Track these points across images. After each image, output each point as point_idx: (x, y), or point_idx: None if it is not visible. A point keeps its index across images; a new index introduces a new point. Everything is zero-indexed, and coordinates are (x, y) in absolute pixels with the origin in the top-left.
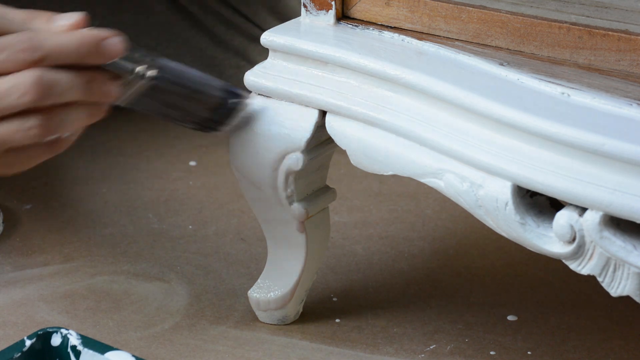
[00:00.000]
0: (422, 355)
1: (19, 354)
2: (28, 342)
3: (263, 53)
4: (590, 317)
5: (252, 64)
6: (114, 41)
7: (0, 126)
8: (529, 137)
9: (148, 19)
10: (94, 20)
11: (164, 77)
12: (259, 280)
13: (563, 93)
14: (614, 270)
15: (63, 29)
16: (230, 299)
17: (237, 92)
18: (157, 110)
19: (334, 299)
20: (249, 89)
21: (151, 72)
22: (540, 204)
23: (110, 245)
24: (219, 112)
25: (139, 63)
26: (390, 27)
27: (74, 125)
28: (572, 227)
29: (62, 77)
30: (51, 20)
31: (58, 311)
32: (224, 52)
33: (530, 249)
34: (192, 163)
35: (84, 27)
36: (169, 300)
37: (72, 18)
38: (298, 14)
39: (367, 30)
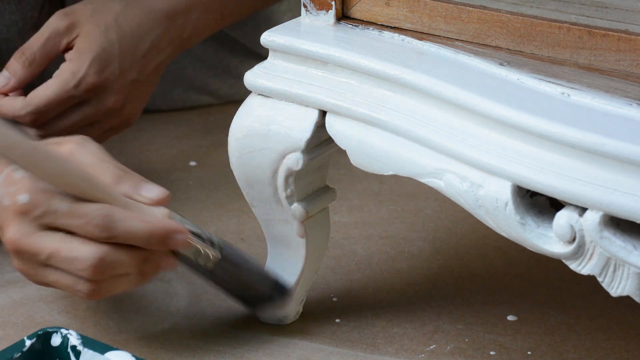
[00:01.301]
0: (422, 355)
1: (19, 354)
2: (28, 342)
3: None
4: (590, 317)
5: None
6: (181, 237)
7: (55, 274)
8: (529, 137)
9: None
10: None
11: (221, 271)
12: None
13: (563, 93)
14: (614, 270)
15: (146, 202)
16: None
17: (284, 288)
18: (207, 280)
19: (334, 299)
20: (249, 88)
21: (211, 265)
22: (540, 204)
23: None
24: (262, 301)
25: (202, 253)
26: (390, 27)
27: (120, 289)
28: (572, 227)
29: (123, 258)
30: (137, 188)
31: (58, 311)
32: (214, 74)
33: (530, 249)
34: (192, 163)
35: (165, 203)
36: (169, 300)
37: (156, 193)
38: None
39: (367, 30)
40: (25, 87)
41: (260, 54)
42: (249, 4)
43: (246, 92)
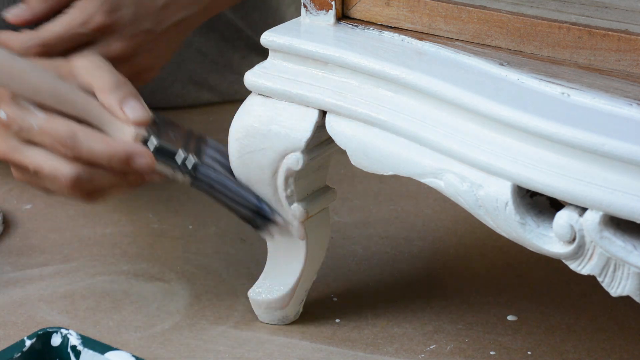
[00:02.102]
0: (422, 355)
1: (19, 354)
2: (28, 342)
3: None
4: (590, 317)
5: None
6: (144, 161)
7: (34, 152)
8: (529, 137)
9: None
10: None
11: (200, 186)
12: (259, 281)
13: (563, 93)
14: (614, 270)
15: (123, 119)
16: (230, 299)
17: (265, 214)
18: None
19: (334, 299)
20: (249, 88)
21: (187, 179)
22: (540, 204)
23: (110, 245)
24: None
25: (180, 167)
26: (390, 27)
27: (112, 195)
28: (572, 227)
29: (101, 175)
30: (121, 103)
31: (58, 311)
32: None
33: (530, 249)
34: None
35: (143, 124)
36: (169, 300)
37: (136, 114)
38: None
39: (367, 30)
40: None
41: (263, 48)
42: None
43: (246, 89)
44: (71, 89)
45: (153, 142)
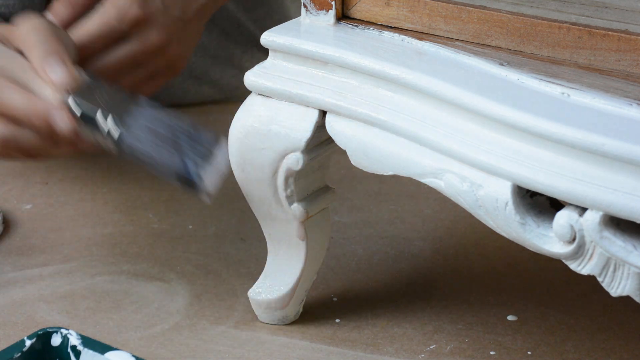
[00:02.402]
0: (422, 355)
1: (19, 354)
2: (28, 342)
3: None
4: (590, 317)
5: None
6: (62, 122)
7: None
8: (529, 137)
9: None
10: None
11: (125, 157)
12: (259, 280)
13: (563, 93)
14: (614, 270)
15: (46, 79)
16: (230, 299)
17: (189, 181)
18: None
19: (334, 299)
20: (249, 88)
21: (113, 148)
22: (540, 204)
23: (110, 245)
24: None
25: (105, 137)
26: (390, 27)
27: (51, 157)
28: (572, 227)
29: (25, 137)
30: (44, 63)
31: (58, 311)
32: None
33: (530, 249)
34: None
35: (64, 87)
36: (169, 300)
37: (56, 76)
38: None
39: (367, 30)
40: None
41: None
42: None
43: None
44: (2, 50)
45: (76, 107)
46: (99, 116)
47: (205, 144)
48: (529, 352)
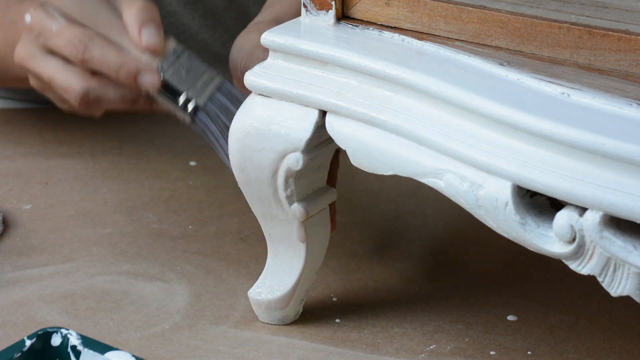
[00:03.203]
0: (422, 355)
1: (19, 354)
2: (28, 342)
3: None
4: (590, 317)
5: None
6: (150, 77)
7: (50, 61)
8: (529, 137)
9: (164, 19)
10: None
11: (196, 129)
12: (259, 280)
13: (563, 93)
14: (614, 270)
15: (137, 42)
16: (230, 299)
17: None
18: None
19: (334, 299)
20: (249, 89)
21: (186, 119)
22: (540, 204)
23: (110, 245)
24: None
25: (180, 107)
26: (390, 27)
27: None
28: (572, 227)
29: (108, 94)
30: (140, 26)
31: (58, 311)
32: None
33: (530, 249)
34: (192, 163)
35: (154, 53)
36: (169, 300)
37: (149, 40)
38: None
39: (367, 30)
40: None
41: None
42: None
43: None
44: (99, 6)
45: (162, 74)
46: (179, 90)
47: None
48: (529, 352)
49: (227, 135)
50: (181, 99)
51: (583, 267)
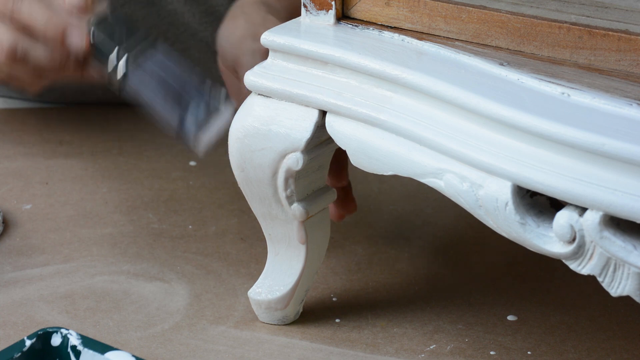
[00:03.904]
0: (422, 355)
1: (19, 354)
2: (28, 342)
3: None
4: (590, 317)
5: None
6: (76, 36)
7: None
8: (529, 137)
9: (159, 12)
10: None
11: (126, 96)
12: (259, 281)
13: (563, 93)
14: (614, 270)
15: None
16: (230, 299)
17: (185, 138)
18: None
19: (334, 299)
20: (249, 88)
21: (117, 85)
22: (540, 204)
23: (110, 245)
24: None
25: (110, 72)
26: (390, 27)
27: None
28: (572, 227)
29: (36, 51)
30: None
31: (58, 311)
32: None
33: (530, 249)
34: (192, 163)
35: (80, 11)
36: (169, 300)
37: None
38: None
39: (367, 30)
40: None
41: None
42: None
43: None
44: None
45: (91, 35)
46: (109, 48)
47: (211, 101)
48: (529, 352)
49: (165, 96)
50: (111, 64)
51: (583, 267)
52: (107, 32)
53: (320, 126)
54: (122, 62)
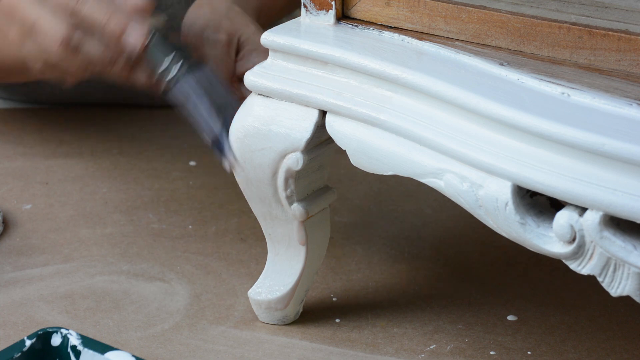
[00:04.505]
0: (422, 355)
1: (19, 354)
2: (28, 342)
3: None
4: (590, 317)
5: None
6: (135, 35)
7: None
8: (529, 137)
9: (160, 12)
10: None
11: (172, 99)
12: (259, 281)
13: (563, 93)
14: (614, 270)
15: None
16: (230, 299)
17: (221, 147)
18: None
19: (334, 299)
20: (249, 88)
21: (164, 87)
22: (540, 204)
23: (110, 245)
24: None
25: (161, 72)
26: (390, 27)
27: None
28: (572, 227)
29: (89, 46)
30: None
31: (58, 311)
32: None
33: (530, 249)
34: (192, 163)
35: (142, 13)
36: (169, 300)
37: (134, 2)
38: None
39: (367, 30)
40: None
41: None
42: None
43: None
44: None
45: (149, 35)
46: (166, 51)
47: None
48: (529, 352)
49: (209, 107)
50: (164, 64)
51: (583, 267)
52: (160, 40)
53: (320, 126)
54: (176, 66)
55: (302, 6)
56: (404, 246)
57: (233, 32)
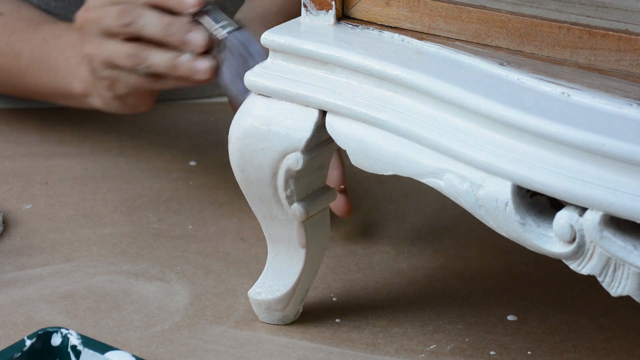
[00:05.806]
0: (422, 355)
1: (19, 354)
2: (28, 342)
3: None
4: (590, 317)
5: None
6: (198, 31)
7: (107, 43)
8: (529, 137)
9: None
10: None
11: (222, 51)
12: (259, 281)
13: (563, 93)
14: (614, 270)
15: None
16: (230, 299)
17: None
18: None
19: (334, 299)
20: (249, 88)
21: (221, 36)
22: (540, 204)
23: (110, 245)
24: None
25: (219, 27)
26: (390, 27)
27: (159, 66)
28: (572, 227)
29: (144, 12)
30: None
31: (58, 311)
32: None
33: (530, 249)
34: (192, 163)
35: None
36: (169, 300)
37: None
38: None
39: (367, 30)
40: None
41: None
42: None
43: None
44: None
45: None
46: (219, 18)
47: None
48: (529, 352)
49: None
50: (220, 22)
51: (583, 267)
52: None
53: (320, 126)
54: (225, 31)
55: (302, 6)
56: (404, 246)
57: None
